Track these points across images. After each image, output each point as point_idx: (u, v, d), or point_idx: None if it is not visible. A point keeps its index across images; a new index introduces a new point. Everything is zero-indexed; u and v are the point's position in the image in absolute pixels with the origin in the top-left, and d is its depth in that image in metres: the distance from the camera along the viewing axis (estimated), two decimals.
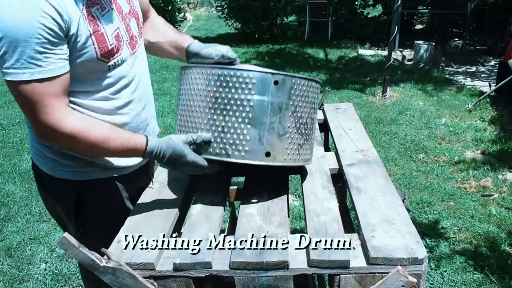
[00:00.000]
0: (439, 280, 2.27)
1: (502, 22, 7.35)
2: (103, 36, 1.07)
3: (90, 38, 1.04)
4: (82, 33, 1.02)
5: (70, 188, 1.22)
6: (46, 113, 0.99)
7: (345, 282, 0.94)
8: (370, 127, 4.36)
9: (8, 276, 2.36)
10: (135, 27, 1.23)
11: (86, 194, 1.23)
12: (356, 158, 1.40)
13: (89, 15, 1.05)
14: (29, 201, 3.13)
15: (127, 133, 1.10)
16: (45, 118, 1.00)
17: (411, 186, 3.24)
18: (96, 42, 1.06)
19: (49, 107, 0.99)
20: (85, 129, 1.03)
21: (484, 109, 4.77)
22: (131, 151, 1.08)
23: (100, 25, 1.07)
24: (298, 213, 2.85)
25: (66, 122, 1.01)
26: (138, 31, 1.24)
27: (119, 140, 1.07)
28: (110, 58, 1.11)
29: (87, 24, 1.03)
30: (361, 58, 7.50)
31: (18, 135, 4.45)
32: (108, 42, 1.09)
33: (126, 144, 1.07)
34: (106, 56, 1.09)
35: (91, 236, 1.20)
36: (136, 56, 1.21)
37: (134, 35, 1.21)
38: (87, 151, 1.11)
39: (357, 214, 1.10)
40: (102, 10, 1.09)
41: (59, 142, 1.07)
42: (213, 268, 0.96)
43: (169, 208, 1.18)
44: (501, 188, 3.17)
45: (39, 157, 1.23)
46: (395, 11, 5.12)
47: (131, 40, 1.19)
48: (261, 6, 8.65)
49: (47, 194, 1.29)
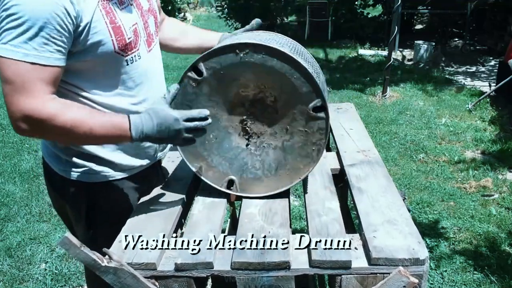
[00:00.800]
0: (439, 280, 2.27)
1: (502, 22, 7.35)
2: (120, 29, 1.07)
3: (107, 29, 1.04)
4: (97, 25, 1.02)
5: (82, 190, 1.21)
6: (28, 97, 0.96)
7: (347, 282, 0.94)
8: (370, 127, 4.36)
9: (8, 276, 2.36)
10: (153, 25, 1.23)
11: (98, 196, 1.22)
12: (358, 158, 1.40)
13: (106, 7, 1.05)
14: (29, 201, 3.13)
15: (109, 114, 1.07)
16: (24, 102, 0.96)
17: (411, 186, 3.24)
18: (113, 34, 1.05)
19: (33, 92, 0.96)
20: (61, 111, 0.98)
21: (484, 109, 4.77)
22: (114, 132, 1.02)
23: (117, 17, 1.07)
24: (298, 213, 2.85)
25: (44, 107, 0.97)
26: (155, 29, 1.25)
27: (100, 121, 1.01)
28: (127, 52, 1.11)
29: (103, 16, 1.04)
30: (361, 58, 7.50)
31: (18, 135, 4.43)
32: (126, 35, 1.08)
33: (107, 124, 1.01)
34: (123, 49, 1.09)
35: (101, 236, 1.18)
36: (152, 54, 1.22)
37: (151, 32, 1.22)
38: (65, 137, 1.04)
39: (358, 215, 1.10)
40: (121, 4, 1.10)
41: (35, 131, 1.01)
42: (215, 268, 0.96)
43: (170, 208, 1.18)
44: (501, 188, 3.17)
45: (51, 158, 1.23)
46: (395, 11, 5.12)
47: (148, 37, 1.20)
48: (261, 6, 8.66)
49: (56, 194, 1.29)
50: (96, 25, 1.02)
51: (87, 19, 1.00)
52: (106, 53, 1.06)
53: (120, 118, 1.03)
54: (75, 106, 1.03)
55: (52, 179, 1.26)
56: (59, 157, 1.20)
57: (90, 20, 1.01)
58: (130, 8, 1.13)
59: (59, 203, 1.31)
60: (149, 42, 1.21)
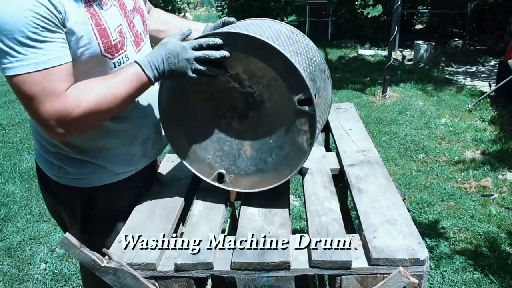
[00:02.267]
0: (439, 280, 2.27)
1: (502, 22, 7.35)
2: (106, 31, 1.05)
3: (93, 32, 1.02)
4: (82, 27, 1.00)
5: (76, 195, 1.20)
6: (51, 101, 0.95)
7: (347, 283, 0.94)
8: (370, 127, 4.36)
9: (8, 276, 2.36)
10: (140, 24, 1.21)
11: (92, 200, 1.21)
12: (357, 158, 1.39)
13: (90, 10, 1.03)
14: (29, 201, 3.13)
15: (119, 71, 1.05)
16: (51, 106, 0.95)
17: (411, 186, 3.24)
18: (99, 36, 1.03)
19: (54, 93, 0.95)
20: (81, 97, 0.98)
21: (484, 109, 4.77)
22: (133, 83, 1.02)
23: (102, 19, 1.05)
24: (298, 213, 2.85)
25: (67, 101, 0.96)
26: (143, 28, 1.22)
27: (116, 83, 1.01)
28: (114, 55, 1.09)
29: (88, 18, 1.01)
30: (361, 58, 7.50)
31: (18, 135, 4.45)
32: (111, 37, 1.06)
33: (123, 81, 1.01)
34: (110, 51, 1.07)
35: (96, 240, 1.18)
36: (141, 53, 1.18)
37: (139, 32, 1.19)
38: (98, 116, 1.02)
39: (358, 215, 1.10)
40: (104, 5, 1.07)
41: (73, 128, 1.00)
42: (215, 269, 0.96)
43: (170, 208, 1.18)
44: (501, 188, 3.17)
45: (44, 163, 1.22)
46: (395, 11, 5.12)
47: (136, 37, 1.18)
48: (261, 6, 8.66)
49: (51, 198, 1.28)
50: (81, 28, 1.00)
51: (73, 20, 0.98)
52: (93, 56, 1.03)
53: (129, 68, 1.03)
54: (88, 84, 1.01)
55: (46, 184, 1.25)
56: (52, 162, 1.19)
57: (75, 21, 0.98)
58: (113, 9, 1.10)
59: (55, 207, 1.30)
60: (137, 42, 1.18)
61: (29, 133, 4.46)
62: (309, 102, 1.03)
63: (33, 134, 1.24)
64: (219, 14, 9.91)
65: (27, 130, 4.55)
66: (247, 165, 1.16)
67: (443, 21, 9.11)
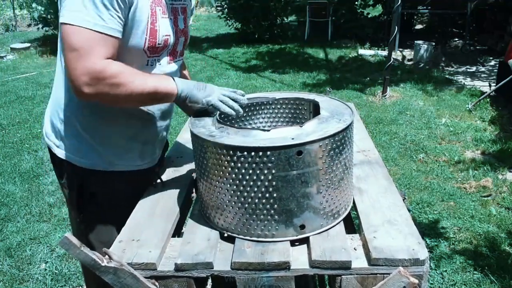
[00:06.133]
0: (439, 280, 2.27)
1: (502, 22, 7.35)
2: (156, 33, 1.14)
3: (147, 27, 1.12)
4: (143, 19, 1.10)
5: (72, 174, 1.27)
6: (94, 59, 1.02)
7: (347, 283, 0.94)
8: (370, 127, 4.36)
9: (8, 276, 2.36)
10: (181, 45, 1.30)
11: (88, 183, 1.27)
12: (358, 158, 1.39)
13: (153, 9, 1.13)
14: (29, 201, 3.13)
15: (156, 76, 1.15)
16: (90, 62, 1.01)
17: (411, 186, 3.24)
18: (149, 34, 1.13)
19: (99, 55, 1.03)
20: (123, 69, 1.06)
21: (484, 109, 4.77)
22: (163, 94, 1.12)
23: (157, 21, 1.14)
24: None
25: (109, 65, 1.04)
26: (181, 49, 1.31)
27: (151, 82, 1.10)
28: (151, 55, 1.18)
29: (149, 15, 1.11)
30: (361, 58, 7.50)
31: (18, 135, 4.45)
32: (158, 39, 1.15)
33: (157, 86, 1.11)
34: (150, 50, 1.16)
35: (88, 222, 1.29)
36: (171, 66, 1.27)
37: (177, 50, 1.28)
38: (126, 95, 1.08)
39: (358, 215, 1.10)
40: (163, 13, 1.17)
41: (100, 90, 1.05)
42: (215, 269, 0.96)
43: (170, 208, 1.18)
44: (501, 188, 3.17)
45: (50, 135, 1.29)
46: (395, 11, 5.12)
47: (174, 51, 1.27)
48: (261, 6, 8.64)
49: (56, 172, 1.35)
50: (142, 19, 1.10)
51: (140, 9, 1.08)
52: (136, 47, 1.13)
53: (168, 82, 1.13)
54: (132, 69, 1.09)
55: (52, 159, 1.33)
56: (57, 133, 1.27)
57: (140, 11, 1.09)
58: (168, 21, 1.19)
59: (61, 185, 1.37)
60: (173, 56, 1.27)
61: (29, 133, 4.46)
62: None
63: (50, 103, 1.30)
64: (219, 14, 9.89)
65: (27, 130, 4.55)
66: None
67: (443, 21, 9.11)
